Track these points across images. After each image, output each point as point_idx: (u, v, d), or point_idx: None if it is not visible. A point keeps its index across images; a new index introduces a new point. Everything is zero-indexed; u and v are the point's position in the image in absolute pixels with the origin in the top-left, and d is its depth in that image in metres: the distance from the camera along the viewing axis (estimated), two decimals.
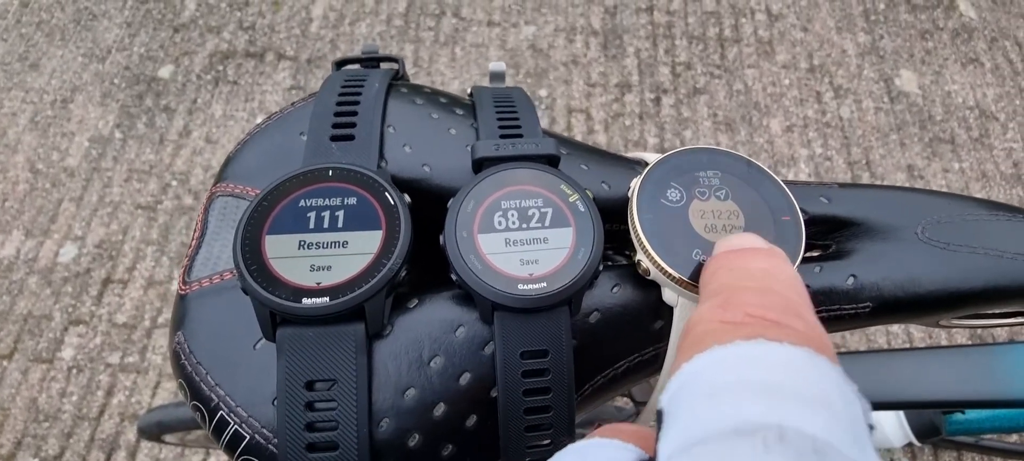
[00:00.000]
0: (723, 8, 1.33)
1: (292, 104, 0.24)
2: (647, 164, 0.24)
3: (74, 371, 0.95)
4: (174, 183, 1.11)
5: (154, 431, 0.56)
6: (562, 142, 0.24)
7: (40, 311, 0.99)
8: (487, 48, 1.27)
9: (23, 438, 0.91)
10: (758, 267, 0.15)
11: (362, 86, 0.23)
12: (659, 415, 0.12)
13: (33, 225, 1.07)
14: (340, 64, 0.25)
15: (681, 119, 1.19)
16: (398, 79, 0.25)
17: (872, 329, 0.99)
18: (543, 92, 1.22)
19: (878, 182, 1.13)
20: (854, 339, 0.98)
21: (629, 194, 0.21)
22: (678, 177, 0.21)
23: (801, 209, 0.22)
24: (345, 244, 0.19)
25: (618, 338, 0.22)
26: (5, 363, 0.96)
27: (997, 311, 0.26)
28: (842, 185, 0.25)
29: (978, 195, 1.12)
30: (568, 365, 0.19)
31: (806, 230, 0.21)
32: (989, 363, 0.42)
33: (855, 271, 0.23)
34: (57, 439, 0.91)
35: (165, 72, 1.24)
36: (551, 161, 0.22)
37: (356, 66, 0.25)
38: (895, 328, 0.99)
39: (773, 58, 1.27)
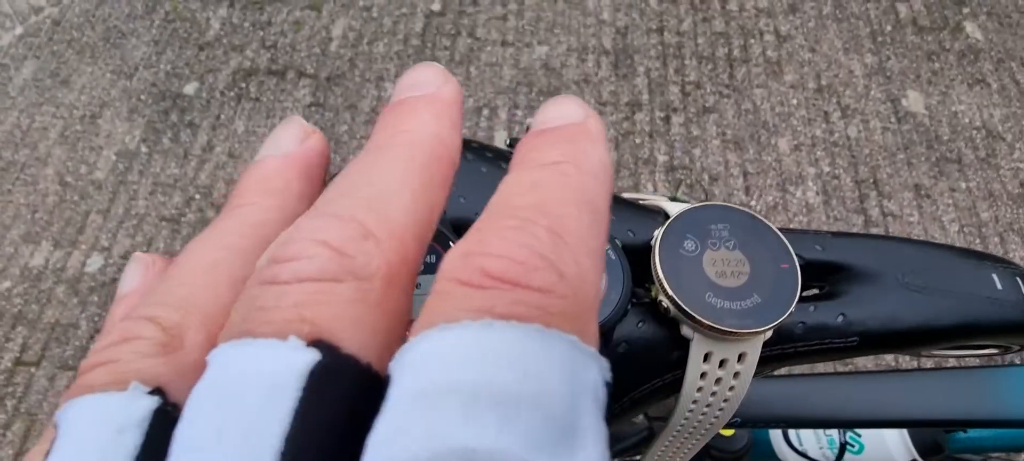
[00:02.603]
0: (732, 29, 1.36)
1: None
2: (665, 212, 0.27)
3: None
4: (198, 196, 1.15)
5: None
6: None
7: (67, 320, 1.03)
8: (501, 67, 1.30)
9: None
10: (544, 173, 0.11)
11: None
12: (388, 379, 0.09)
13: (61, 236, 1.10)
14: None
15: (690, 137, 1.21)
16: None
17: None
18: None
19: (885, 200, 1.15)
20: (862, 359, 1.00)
21: (652, 243, 0.24)
22: (693, 230, 0.24)
23: (798, 255, 0.25)
24: (418, 285, 0.22)
25: (642, 366, 0.25)
26: (33, 370, 0.99)
27: (972, 344, 0.29)
28: (834, 234, 0.28)
29: (985, 215, 1.14)
30: None
31: (802, 274, 0.24)
32: (991, 384, 0.45)
33: (844, 310, 0.26)
34: None
35: (190, 89, 1.28)
36: None
37: None
38: None
39: (781, 78, 1.29)
